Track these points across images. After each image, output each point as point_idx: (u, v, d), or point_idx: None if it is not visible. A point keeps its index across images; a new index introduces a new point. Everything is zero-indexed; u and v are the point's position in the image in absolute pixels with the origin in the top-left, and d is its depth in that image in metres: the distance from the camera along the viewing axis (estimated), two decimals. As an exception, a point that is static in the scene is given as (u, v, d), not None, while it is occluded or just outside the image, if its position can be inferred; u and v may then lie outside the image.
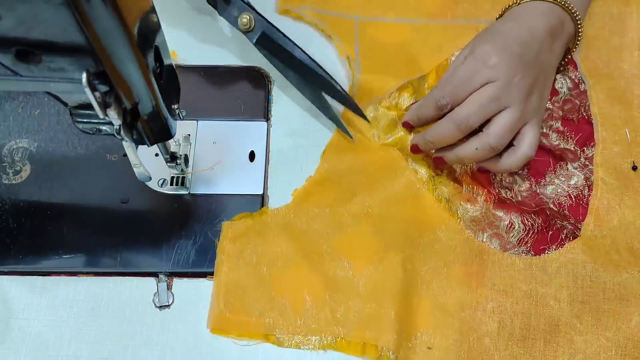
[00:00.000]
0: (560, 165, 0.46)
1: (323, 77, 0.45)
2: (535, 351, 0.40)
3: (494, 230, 0.44)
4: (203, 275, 0.43)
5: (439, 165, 0.46)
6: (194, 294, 0.42)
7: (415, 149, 0.46)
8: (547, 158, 0.46)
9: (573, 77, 0.49)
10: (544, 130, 0.47)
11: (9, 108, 0.49)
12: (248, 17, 0.45)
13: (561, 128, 0.47)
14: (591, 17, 0.50)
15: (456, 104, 0.42)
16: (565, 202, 0.45)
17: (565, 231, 0.43)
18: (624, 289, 0.41)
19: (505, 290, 0.41)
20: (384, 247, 0.42)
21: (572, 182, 0.45)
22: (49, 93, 0.31)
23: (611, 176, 0.45)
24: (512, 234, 0.43)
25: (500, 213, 0.44)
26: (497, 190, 0.45)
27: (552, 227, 0.43)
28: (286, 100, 0.50)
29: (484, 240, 0.43)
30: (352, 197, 0.45)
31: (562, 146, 0.47)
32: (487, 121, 0.42)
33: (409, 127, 0.47)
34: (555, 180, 0.46)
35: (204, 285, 0.43)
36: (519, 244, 0.43)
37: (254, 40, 0.46)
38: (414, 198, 0.45)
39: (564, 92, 0.48)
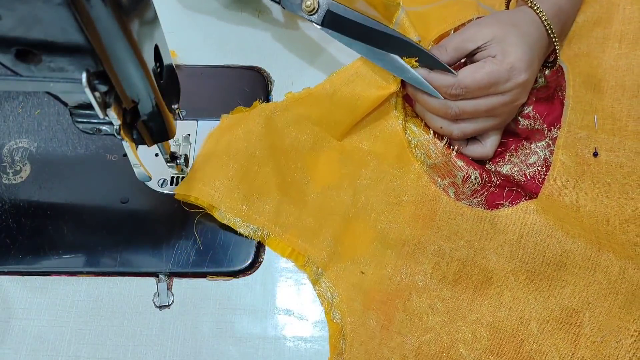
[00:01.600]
0: (522, 145, 0.47)
1: (399, 40, 0.43)
2: (463, 297, 0.41)
3: (452, 179, 0.45)
4: (203, 275, 0.43)
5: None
6: (194, 294, 0.42)
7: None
8: (510, 139, 0.47)
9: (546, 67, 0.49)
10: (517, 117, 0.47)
11: (9, 108, 0.49)
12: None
13: (532, 113, 0.47)
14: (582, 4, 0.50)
15: (467, 97, 0.43)
16: (520, 181, 0.45)
17: (521, 189, 0.44)
18: (565, 257, 0.41)
19: (449, 237, 0.43)
20: (342, 174, 0.45)
21: (531, 160, 0.46)
22: (49, 93, 0.31)
23: (571, 159, 0.45)
24: (467, 185, 0.44)
25: (459, 162, 0.45)
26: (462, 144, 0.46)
27: (509, 182, 0.44)
28: (286, 100, 0.50)
29: (441, 187, 0.45)
30: (334, 125, 0.46)
31: (529, 127, 0.47)
32: None
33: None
34: (514, 159, 0.46)
35: (204, 285, 0.43)
36: (472, 195, 0.44)
37: (320, 21, 0.45)
38: (389, 137, 0.46)
39: (540, 81, 0.48)
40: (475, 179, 0.44)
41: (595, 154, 0.45)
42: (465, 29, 0.44)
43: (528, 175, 0.45)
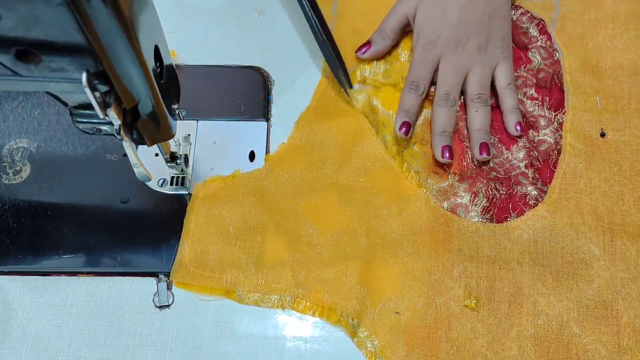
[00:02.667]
0: (531, 132, 0.47)
1: (320, 41, 0.47)
2: (500, 314, 0.41)
3: (459, 200, 0.45)
4: (203, 275, 0.43)
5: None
6: (194, 294, 0.42)
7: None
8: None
9: (547, 47, 0.50)
10: (520, 97, 0.48)
11: (9, 108, 0.49)
12: None
13: (535, 95, 0.49)
14: None
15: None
16: (536, 165, 0.46)
17: (528, 197, 0.45)
18: (582, 253, 0.42)
19: (471, 256, 0.43)
20: (349, 216, 0.44)
21: (542, 148, 0.47)
22: (49, 93, 0.31)
23: (579, 142, 0.46)
24: (476, 204, 0.45)
25: (465, 185, 0.45)
26: (469, 158, 0.47)
27: (513, 196, 0.45)
28: (286, 100, 0.50)
29: (450, 208, 0.45)
30: (322, 166, 0.46)
31: (536, 113, 0.48)
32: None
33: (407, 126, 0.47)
34: (528, 144, 0.47)
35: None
36: (482, 212, 0.45)
37: None
38: (383, 170, 0.46)
39: (538, 61, 0.50)
40: (482, 196, 0.45)
41: (603, 134, 0.46)
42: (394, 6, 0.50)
43: (541, 160, 0.46)
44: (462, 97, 0.49)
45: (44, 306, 0.42)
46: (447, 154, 0.45)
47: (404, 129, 0.46)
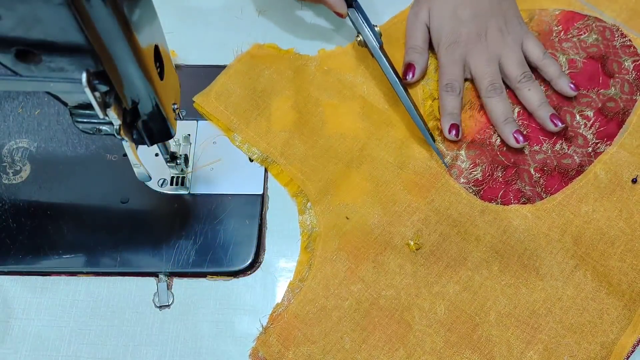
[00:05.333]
0: (562, 142, 0.47)
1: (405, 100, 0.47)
2: (433, 269, 0.42)
3: (459, 163, 0.46)
4: (203, 275, 0.43)
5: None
6: (194, 294, 0.42)
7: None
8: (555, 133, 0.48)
9: (633, 84, 0.49)
10: (573, 111, 0.48)
11: (9, 108, 0.49)
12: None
13: (591, 117, 0.48)
14: None
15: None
16: (547, 171, 0.46)
17: (522, 194, 0.45)
18: (539, 263, 0.42)
19: (438, 210, 0.44)
20: (358, 127, 0.48)
21: (564, 161, 0.46)
22: (49, 93, 0.31)
23: (606, 175, 0.45)
24: (471, 174, 0.46)
25: (472, 152, 0.47)
26: (488, 134, 0.48)
27: (509, 186, 0.45)
28: (286, 100, 0.50)
29: (448, 164, 0.46)
30: (360, 85, 0.50)
31: (579, 130, 0.47)
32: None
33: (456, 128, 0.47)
34: (549, 152, 0.47)
35: (204, 285, 0.43)
36: (473, 183, 0.45)
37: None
38: (404, 113, 0.48)
39: (615, 92, 0.49)
40: (481, 170, 0.46)
41: (634, 181, 0.45)
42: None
43: (555, 171, 0.46)
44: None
45: (44, 306, 0.42)
46: (521, 138, 0.46)
47: (453, 132, 0.47)
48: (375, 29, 0.47)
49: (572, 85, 0.47)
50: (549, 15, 0.52)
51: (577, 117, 0.48)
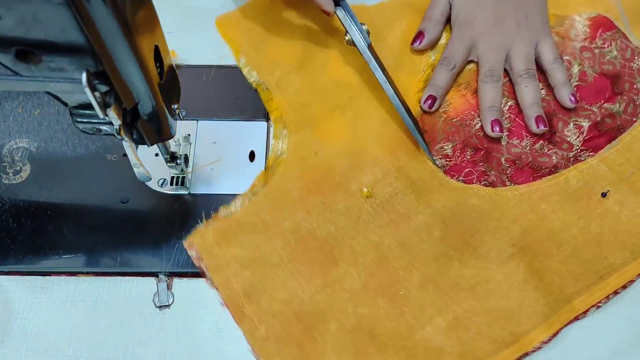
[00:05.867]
0: (543, 143, 0.47)
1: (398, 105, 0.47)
2: (378, 220, 0.44)
3: (436, 137, 0.48)
4: (203, 275, 0.43)
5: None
6: (194, 294, 0.42)
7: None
8: (550, 125, 0.48)
9: (638, 106, 0.48)
10: (568, 120, 0.48)
11: (9, 108, 0.49)
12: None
13: (584, 128, 0.47)
14: None
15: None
16: (518, 164, 0.46)
17: (484, 177, 0.46)
18: (480, 243, 0.43)
19: (401, 169, 0.46)
20: (360, 78, 0.49)
21: (541, 159, 0.46)
22: (49, 93, 0.31)
23: (577, 183, 0.45)
24: (442, 148, 0.47)
25: (449, 128, 0.48)
26: (475, 116, 0.48)
27: (474, 166, 0.46)
28: (286, 100, 0.50)
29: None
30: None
31: (566, 136, 0.47)
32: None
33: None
34: (527, 148, 0.47)
35: (204, 285, 0.43)
36: (442, 156, 0.47)
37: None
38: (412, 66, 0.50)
39: (619, 109, 0.48)
40: (451, 146, 0.47)
41: (604, 195, 0.44)
42: None
43: (527, 165, 0.46)
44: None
45: (44, 306, 0.42)
46: (497, 128, 0.46)
47: (429, 102, 0.48)
48: (363, 27, 0.47)
49: (572, 98, 0.47)
50: (582, 20, 0.52)
51: (571, 125, 0.47)
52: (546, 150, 0.47)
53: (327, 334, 0.40)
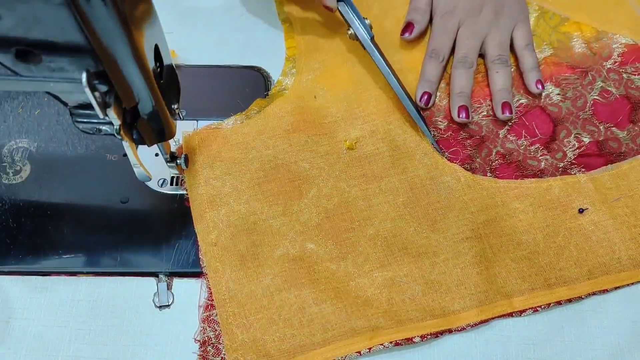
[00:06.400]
0: (539, 147, 0.47)
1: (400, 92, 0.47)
2: (352, 170, 0.45)
3: (431, 114, 0.49)
4: (203, 275, 0.43)
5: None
6: (194, 294, 0.42)
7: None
8: (525, 126, 0.48)
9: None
10: (572, 130, 0.48)
11: (9, 108, 0.49)
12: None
13: (585, 143, 0.47)
14: None
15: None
16: (507, 159, 0.47)
17: (468, 161, 0.46)
18: (440, 219, 0.43)
19: (389, 131, 0.47)
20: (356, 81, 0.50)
21: (530, 162, 0.46)
22: (49, 93, 0.31)
23: (559, 193, 0.45)
24: (438, 121, 0.48)
25: (442, 103, 0.49)
26: (481, 103, 0.49)
27: (464, 148, 0.47)
28: (286, 100, 0.50)
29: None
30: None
31: (564, 148, 0.47)
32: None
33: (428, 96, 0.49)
34: (522, 148, 0.47)
35: (204, 286, 0.43)
36: (433, 128, 0.48)
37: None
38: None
39: (624, 136, 0.47)
40: (445, 124, 0.48)
41: (581, 211, 0.44)
42: None
43: (516, 164, 0.46)
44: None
45: (44, 306, 0.42)
46: (464, 114, 0.47)
47: (424, 98, 0.48)
48: (366, 21, 0.47)
49: (539, 85, 0.48)
50: (619, 44, 0.51)
51: (572, 137, 0.47)
52: (539, 155, 0.47)
53: (271, 257, 0.42)
